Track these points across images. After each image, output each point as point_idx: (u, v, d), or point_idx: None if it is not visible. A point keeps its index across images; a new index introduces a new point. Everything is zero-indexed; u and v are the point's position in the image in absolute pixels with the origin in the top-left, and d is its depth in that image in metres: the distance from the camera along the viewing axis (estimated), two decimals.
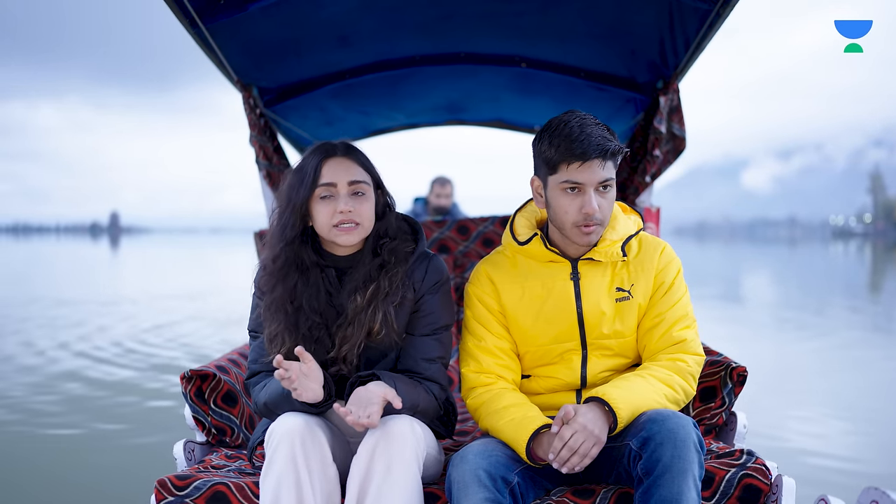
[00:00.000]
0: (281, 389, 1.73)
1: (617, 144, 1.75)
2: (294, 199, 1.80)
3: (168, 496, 1.76)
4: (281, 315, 1.80)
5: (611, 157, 1.75)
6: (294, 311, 1.80)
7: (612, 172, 1.77)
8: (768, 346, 8.21)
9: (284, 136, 3.84)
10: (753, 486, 1.71)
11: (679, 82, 3.04)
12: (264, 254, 1.88)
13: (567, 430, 1.62)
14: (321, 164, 1.80)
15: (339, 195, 1.79)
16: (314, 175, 1.79)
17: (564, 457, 1.62)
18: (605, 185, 1.76)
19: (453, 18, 2.90)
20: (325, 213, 1.79)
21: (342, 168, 1.81)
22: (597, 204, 1.75)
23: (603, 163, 1.74)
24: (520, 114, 4.10)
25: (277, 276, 1.82)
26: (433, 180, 5.86)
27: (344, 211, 1.77)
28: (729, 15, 2.45)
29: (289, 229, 1.81)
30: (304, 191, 1.79)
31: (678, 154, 3.16)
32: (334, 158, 1.82)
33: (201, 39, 2.63)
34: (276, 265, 1.82)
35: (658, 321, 1.85)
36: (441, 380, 1.88)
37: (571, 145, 1.72)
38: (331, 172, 1.80)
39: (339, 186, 1.79)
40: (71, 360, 6.92)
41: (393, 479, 1.61)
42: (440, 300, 1.89)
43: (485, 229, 3.22)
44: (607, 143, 1.73)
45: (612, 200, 1.81)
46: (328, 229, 1.79)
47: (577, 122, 1.74)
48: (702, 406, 2.13)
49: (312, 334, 1.81)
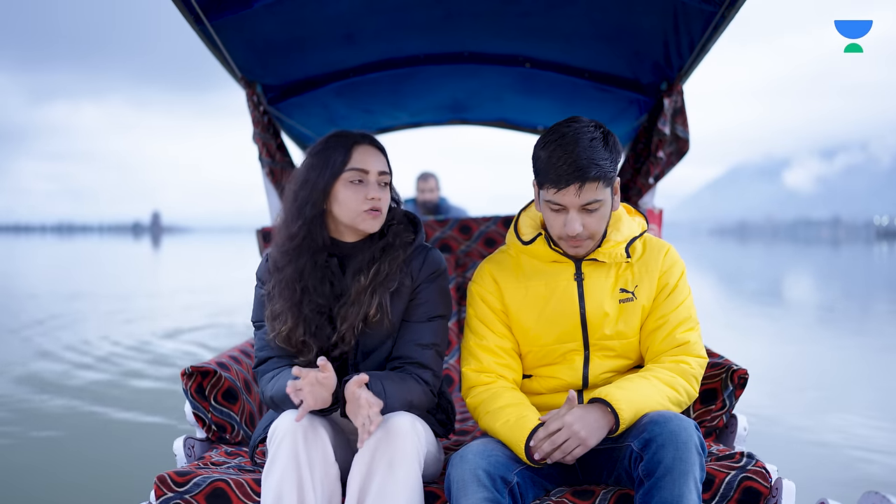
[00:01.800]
0: (286, 391, 1.73)
1: (600, 170, 1.69)
2: (316, 179, 1.80)
3: (168, 492, 1.76)
4: (288, 293, 1.81)
5: (594, 181, 1.70)
6: (300, 290, 1.81)
7: (597, 194, 1.71)
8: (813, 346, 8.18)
9: (287, 134, 3.84)
10: (753, 489, 1.71)
11: (683, 84, 3.04)
12: (278, 233, 1.87)
13: (555, 423, 1.63)
14: (352, 149, 1.82)
15: (370, 182, 1.81)
16: (343, 158, 1.80)
17: (545, 451, 1.63)
18: (590, 207, 1.73)
19: (458, 18, 2.90)
20: (355, 198, 1.80)
21: (373, 157, 1.83)
22: (580, 224, 1.74)
23: (579, 189, 1.70)
24: (523, 114, 4.11)
25: (292, 254, 1.82)
26: (417, 177, 5.78)
27: (375, 198, 1.79)
28: (734, 17, 2.45)
29: (308, 208, 1.81)
30: (330, 171, 1.80)
31: (682, 156, 3.16)
32: (364, 146, 1.84)
33: (206, 36, 2.63)
34: (293, 243, 1.82)
35: (661, 323, 1.85)
36: (434, 366, 1.87)
37: (549, 170, 1.71)
38: (362, 159, 1.81)
39: (371, 174, 1.81)
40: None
41: (394, 476, 1.61)
42: (436, 290, 1.90)
43: (487, 229, 3.22)
44: (588, 169, 1.68)
45: (604, 215, 1.78)
46: (355, 214, 1.80)
47: (569, 139, 1.70)
48: (702, 408, 2.12)
49: (313, 318, 1.81)
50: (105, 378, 6.12)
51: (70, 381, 5.98)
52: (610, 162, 1.72)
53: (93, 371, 6.38)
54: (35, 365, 6.71)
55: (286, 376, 1.76)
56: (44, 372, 6.38)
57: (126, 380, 6.07)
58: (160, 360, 6.92)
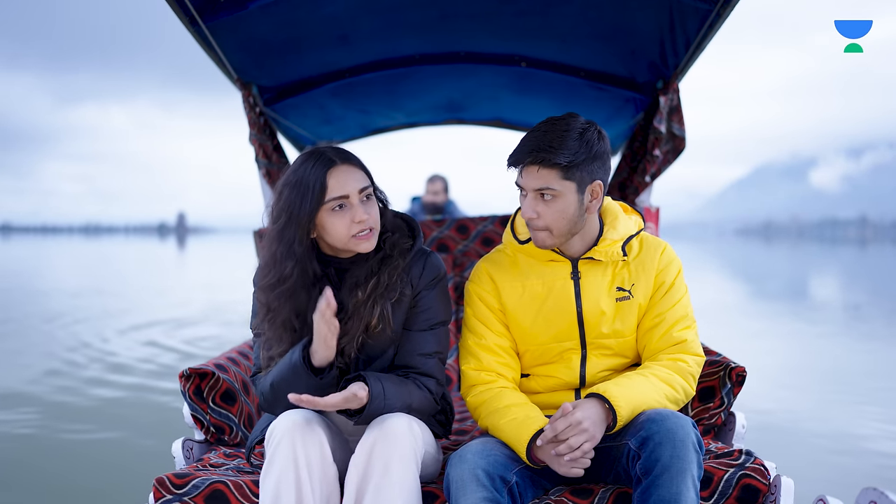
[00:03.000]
0: (289, 361, 1.70)
1: (560, 157, 1.68)
2: (298, 213, 1.72)
3: (166, 494, 1.76)
4: (287, 335, 1.77)
5: (552, 167, 1.69)
6: (300, 325, 1.78)
7: (550, 182, 1.71)
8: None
9: (284, 135, 3.84)
10: (752, 487, 1.72)
11: (679, 82, 3.04)
12: (264, 270, 1.80)
13: (562, 422, 1.62)
14: (326, 176, 1.73)
15: (353, 205, 1.74)
16: (321, 188, 1.72)
17: (562, 451, 1.61)
18: (544, 194, 1.73)
19: (453, 18, 2.90)
20: (341, 224, 1.74)
21: (350, 177, 1.75)
22: (535, 210, 1.74)
23: (539, 170, 1.70)
24: (519, 113, 4.11)
25: (286, 295, 1.76)
26: (426, 179, 5.89)
27: (363, 220, 1.73)
28: (729, 15, 2.45)
29: (296, 245, 1.74)
30: (310, 205, 1.72)
31: (678, 154, 3.16)
32: (337, 167, 1.74)
33: (201, 38, 2.63)
34: (286, 285, 1.76)
35: (658, 321, 1.85)
36: (437, 375, 1.87)
37: (515, 148, 1.74)
38: (339, 184, 1.73)
39: (352, 197, 1.74)
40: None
41: (391, 478, 1.61)
42: (437, 296, 1.88)
43: (484, 228, 3.22)
44: (546, 152, 1.68)
45: (563, 210, 1.74)
46: (346, 239, 1.75)
47: (548, 125, 1.73)
48: (700, 406, 2.13)
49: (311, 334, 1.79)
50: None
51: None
52: (577, 156, 1.70)
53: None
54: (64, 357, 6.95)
55: (284, 359, 1.74)
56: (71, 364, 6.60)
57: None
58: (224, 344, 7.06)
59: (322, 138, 4.19)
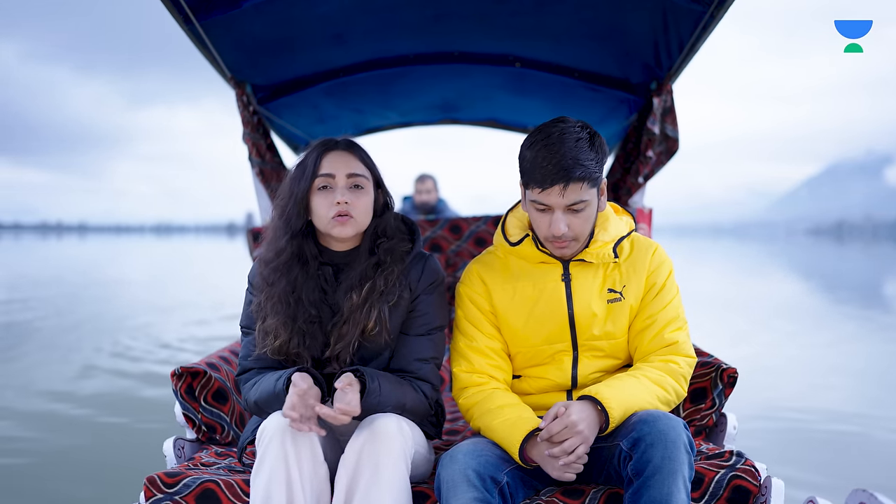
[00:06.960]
0: (272, 388, 1.73)
1: (585, 171, 1.69)
2: (296, 190, 1.81)
3: (157, 493, 1.75)
4: (281, 307, 1.80)
5: (578, 181, 1.69)
6: (294, 302, 1.81)
7: (581, 195, 1.71)
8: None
9: (277, 134, 3.83)
10: (742, 488, 1.72)
11: (672, 83, 3.05)
12: (266, 247, 1.87)
13: (557, 423, 1.62)
14: (321, 157, 1.82)
15: (337, 187, 1.80)
16: (314, 166, 1.80)
17: (556, 453, 1.61)
18: (575, 207, 1.73)
19: (447, 18, 2.90)
20: (324, 204, 1.79)
21: (341, 160, 1.82)
22: (565, 224, 1.74)
23: (564, 189, 1.69)
24: (513, 113, 4.11)
25: (282, 269, 1.82)
26: (415, 178, 5.89)
27: (340, 202, 1.78)
28: (723, 17, 2.46)
29: (293, 220, 1.82)
30: (305, 182, 1.80)
31: (671, 155, 3.16)
32: (335, 151, 1.83)
33: (195, 36, 2.62)
34: (282, 258, 1.82)
35: (650, 322, 1.85)
36: (433, 380, 1.88)
37: (534, 170, 1.70)
38: (330, 164, 1.81)
39: (338, 178, 1.80)
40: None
41: (381, 478, 1.61)
42: (435, 301, 1.89)
43: (477, 228, 3.22)
44: (573, 169, 1.67)
45: (590, 216, 1.77)
46: (325, 221, 1.80)
47: (554, 139, 1.69)
48: (692, 407, 2.13)
49: (307, 329, 1.81)
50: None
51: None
52: (595, 163, 1.72)
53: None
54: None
55: (268, 380, 1.76)
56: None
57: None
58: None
59: (315, 137, 4.18)
